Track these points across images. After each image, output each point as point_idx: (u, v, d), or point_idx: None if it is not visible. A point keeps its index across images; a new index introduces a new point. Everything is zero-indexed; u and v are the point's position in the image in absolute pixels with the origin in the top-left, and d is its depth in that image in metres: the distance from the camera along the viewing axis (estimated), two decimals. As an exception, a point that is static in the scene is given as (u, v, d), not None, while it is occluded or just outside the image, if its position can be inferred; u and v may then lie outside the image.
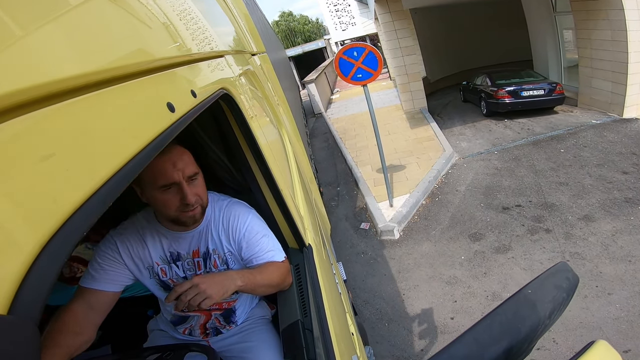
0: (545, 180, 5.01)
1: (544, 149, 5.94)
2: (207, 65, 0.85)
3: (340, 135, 8.77)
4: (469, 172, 5.64)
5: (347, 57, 4.03)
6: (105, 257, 1.00)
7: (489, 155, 6.10)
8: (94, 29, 0.43)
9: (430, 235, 4.33)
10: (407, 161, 6.16)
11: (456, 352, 0.45)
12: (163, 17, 0.65)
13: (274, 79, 3.28)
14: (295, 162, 2.10)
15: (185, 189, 0.92)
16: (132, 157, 0.41)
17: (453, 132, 7.56)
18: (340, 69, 4.12)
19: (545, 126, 6.90)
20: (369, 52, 3.95)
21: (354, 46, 3.99)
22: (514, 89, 7.22)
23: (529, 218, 4.26)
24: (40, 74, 0.32)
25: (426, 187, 5.19)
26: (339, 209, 5.42)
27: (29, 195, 0.28)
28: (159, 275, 1.07)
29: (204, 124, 1.19)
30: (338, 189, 6.08)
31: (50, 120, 0.32)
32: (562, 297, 0.53)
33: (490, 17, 11.33)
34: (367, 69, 4.04)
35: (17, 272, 0.25)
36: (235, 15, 1.92)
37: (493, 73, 8.13)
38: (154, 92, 0.54)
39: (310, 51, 27.26)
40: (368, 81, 4.13)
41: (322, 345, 0.92)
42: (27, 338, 0.25)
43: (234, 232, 1.08)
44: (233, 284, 0.95)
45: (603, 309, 2.89)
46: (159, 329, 1.23)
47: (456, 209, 4.76)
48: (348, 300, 2.05)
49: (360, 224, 4.91)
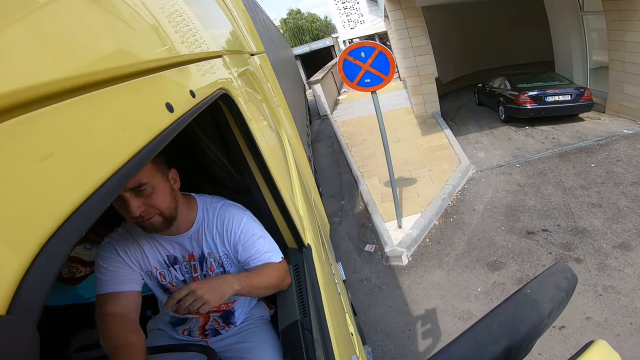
0: (575, 201, 4.49)
1: (573, 163, 5.37)
2: (206, 66, 0.85)
3: (346, 140, 8.26)
4: (488, 189, 5.10)
5: (352, 58, 3.47)
6: (109, 261, 1.01)
7: (510, 169, 5.54)
8: (93, 29, 0.44)
9: (442, 262, 3.90)
10: (418, 174, 5.64)
11: (456, 352, 0.45)
12: (162, 18, 0.66)
13: (273, 79, 3.20)
14: (294, 162, 2.09)
15: (129, 202, 0.87)
16: (131, 158, 0.41)
17: (468, 139, 7.00)
18: (345, 72, 3.56)
19: (572, 135, 6.31)
20: (379, 53, 3.39)
21: (362, 45, 3.42)
22: (538, 93, 6.63)
23: (557, 245, 3.81)
24: (39, 74, 0.32)
25: (440, 205, 4.68)
26: (342, 226, 4.95)
27: (28, 195, 0.28)
28: (158, 279, 1.09)
29: (203, 124, 1.20)
30: (342, 202, 5.60)
31: (49, 121, 0.32)
32: (561, 296, 0.53)
33: (507, 16, 10.86)
34: (376, 73, 3.49)
35: (15, 272, 0.25)
36: (234, 15, 1.91)
37: (513, 76, 7.56)
38: (152, 92, 0.54)
39: (317, 49, 27.15)
40: (377, 87, 3.59)
41: (321, 345, 0.93)
42: (26, 338, 0.25)
43: (229, 235, 1.08)
44: (230, 289, 0.95)
45: (636, 348, 2.60)
46: (158, 328, 1.24)
47: (473, 231, 4.28)
48: (347, 301, 2.03)
49: (365, 245, 4.47)
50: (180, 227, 1.05)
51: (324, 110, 12.13)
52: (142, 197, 0.90)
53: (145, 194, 0.90)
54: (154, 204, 0.92)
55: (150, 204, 0.91)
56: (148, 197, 0.91)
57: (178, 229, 1.05)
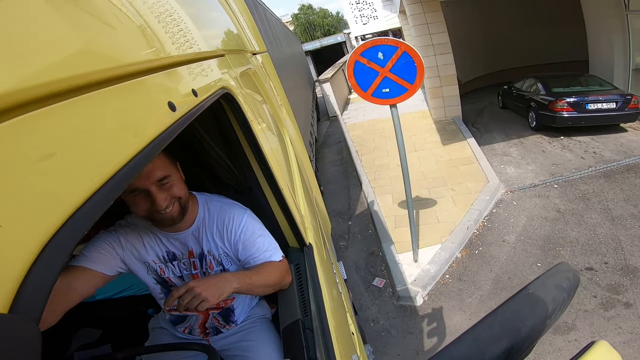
0: (625, 233, 3.81)
1: (620, 185, 4.64)
2: (208, 65, 0.86)
3: (356, 147, 7.61)
4: (521, 215, 4.41)
5: (367, 60, 2.73)
6: (104, 242, 1.03)
7: (547, 190, 4.82)
8: (95, 28, 0.44)
9: (464, 303, 3.34)
10: (438, 193, 4.94)
11: (456, 352, 0.46)
12: (164, 16, 0.66)
13: (275, 78, 3.05)
14: (296, 161, 2.09)
15: (154, 195, 0.91)
16: (133, 156, 0.41)
17: (495, 150, 6.27)
18: (357, 78, 2.83)
19: (616, 150, 5.54)
20: (403, 54, 2.60)
21: (379, 44, 2.65)
22: (577, 100, 5.87)
23: (603, 287, 3.26)
24: (41, 73, 0.32)
25: (463, 235, 4.05)
26: (349, 253, 4.37)
27: (30, 194, 0.28)
28: (158, 272, 1.10)
29: (205, 123, 1.21)
30: (349, 223, 4.97)
31: (51, 120, 0.32)
32: (562, 297, 0.53)
33: (532, 12, 10.31)
34: (398, 80, 2.71)
35: (18, 271, 0.26)
36: (235, 14, 1.91)
37: (547, 78, 6.77)
38: (155, 91, 0.55)
39: (328, 45, 27.05)
40: (399, 99, 2.84)
41: (322, 344, 0.95)
42: (28, 337, 0.26)
43: (230, 234, 1.09)
44: (229, 286, 0.96)
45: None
46: (160, 327, 1.25)
47: (502, 267, 3.65)
48: (348, 300, 2.05)
49: (374, 278, 3.89)
50: (182, 224, 1.05)
51: (333, 111, 11.49)
52: (165, 189, 0.94)
53: (167, 187, 0.95)
54: (176, 194, 0.97)
55: (173, 194, 0.96)
56: (169, 189, 0.95)
57: (180, 226, 1.05)
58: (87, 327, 1.62)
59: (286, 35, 8.77)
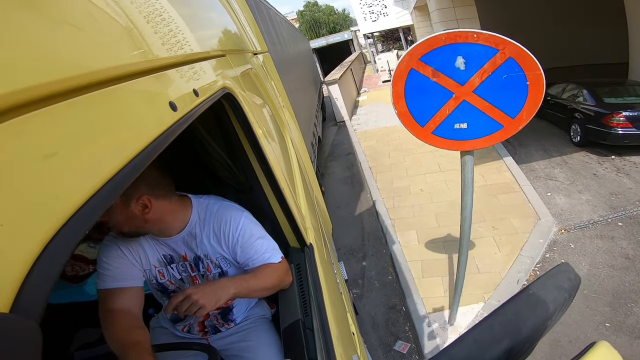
0: None
1: None
2: (209, 65, 0.87)
3: (369, 162, 6.77)
4: (582, 262, 3.58)
5: (432, 70, 1.64)
6: (112, 257, 1.06)
7: (610, 229, 3.95)
8: (96, 28, 0.44)
9: None
10: (476, 232, 3.93)
11: (457, 352, 0.45)
12: (165, 17, 0.67)
13: (276, 77, 3.04)
14: (297, 161, 2.08)
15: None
16: (134, 156, 0.41)
17: (535, 171, 5.40)
18: (409, 101, 1.75)
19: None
20: (507, 62, 1.57)
21: (459, 41, 1.57)
22: (638, 114, 4.93)
23: None
24: (42, 73, 0.32)
25: (512, 291, 3.28)
26: (364, 304, 3.62)
27: (32, 193, 0.28)
28: (157, 277, 1.13)
29: (206, 123, 1.22)
30: (364, 264, 4.15)
31: (52, 120, 0.32)
32: (563, 297, 0.53)
33: (565, 10, 9.60)
34: (487, 109, 1.69)
35: (19, 270, 0.26)
36: (237, 14, 1.90)
37: (593, 86, 5.86)
38: (156, 91, 0.55)
39: (335, 43, 26.69)
40: (484, 142, 1.83)
41: (322, 344, 0.95)
42: (29, 336, 0.25)
43: (227, 237, 1.10)
44: (226, 293, 0.98)
45: None
46: (160, 326, 1.28)
47: (561, 328, 2.93)
48: (349, 300, 2.05)
49: (395, 341, 3.13)
50: (172, 230, 1.07)
51: (341, 116, 10.66)
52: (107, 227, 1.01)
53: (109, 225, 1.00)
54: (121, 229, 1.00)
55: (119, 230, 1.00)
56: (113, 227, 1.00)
57: (170, 232, 1.07)
58: (87, 327, 1.65)
59: (292, 33, 8.18)
